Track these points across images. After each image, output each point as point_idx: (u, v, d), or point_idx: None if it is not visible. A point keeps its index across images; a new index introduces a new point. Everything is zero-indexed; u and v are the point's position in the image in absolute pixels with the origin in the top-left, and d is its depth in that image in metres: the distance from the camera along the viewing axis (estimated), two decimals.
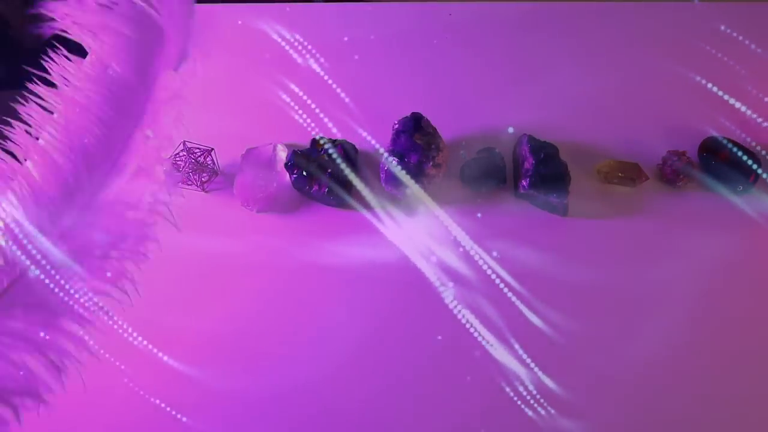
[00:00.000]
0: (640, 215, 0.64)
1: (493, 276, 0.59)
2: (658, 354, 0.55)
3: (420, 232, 0.63)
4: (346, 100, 0.76)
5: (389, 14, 0.89)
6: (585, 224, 0.64)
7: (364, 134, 0.70)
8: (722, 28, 0.82)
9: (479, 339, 0.56)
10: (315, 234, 0.64)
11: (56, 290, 0.44)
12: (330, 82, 0.79)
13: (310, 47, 0.84)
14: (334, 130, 0.71)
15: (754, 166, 0.64)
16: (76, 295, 0.45)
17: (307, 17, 0.90)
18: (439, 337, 0.57)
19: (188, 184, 0.67)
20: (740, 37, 0.81)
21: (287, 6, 0.92)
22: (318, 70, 0.81)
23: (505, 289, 0.58)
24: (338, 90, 0.78)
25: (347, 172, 0.63)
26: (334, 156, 0.64)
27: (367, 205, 0.65)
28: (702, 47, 0.80)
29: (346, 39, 0.83)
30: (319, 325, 0.58)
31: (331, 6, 0.91)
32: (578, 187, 0.65)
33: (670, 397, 0.53)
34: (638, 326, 0.57)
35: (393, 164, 0.62)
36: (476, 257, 0.60)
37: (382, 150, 0.65)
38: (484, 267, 0.60)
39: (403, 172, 0.62)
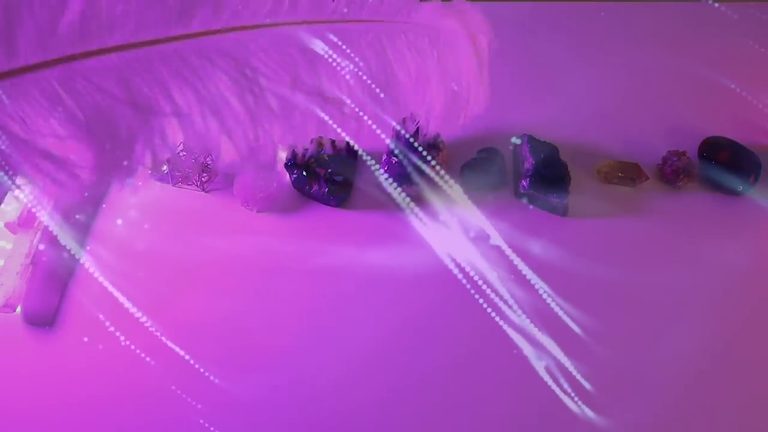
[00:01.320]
0: (640, 215, 0.64)
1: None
2: (659, 352, 0.55)
3: (427, 232, 0.63)
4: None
5: None
6: (585, 224, 0.63)
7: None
8: (723, 26, 0.82)
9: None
10: (315, 234, 0.64)
11: None
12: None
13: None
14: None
15: (754, 166, 0.64)
16: None
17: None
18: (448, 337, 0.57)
19: (188, 184, 0.67)
20: (741, 36, 0.81)
21: None
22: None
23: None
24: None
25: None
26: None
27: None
28: (702, 46, 0.80)
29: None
30: (319, 325, 0.58)
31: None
32: (578, 187, 0.65)
33: (672, 395, 0.53)
34: (638, 325, 0.56)
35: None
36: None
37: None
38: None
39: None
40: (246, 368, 0.56)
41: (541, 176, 0.63)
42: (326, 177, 0.64)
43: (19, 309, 0.59)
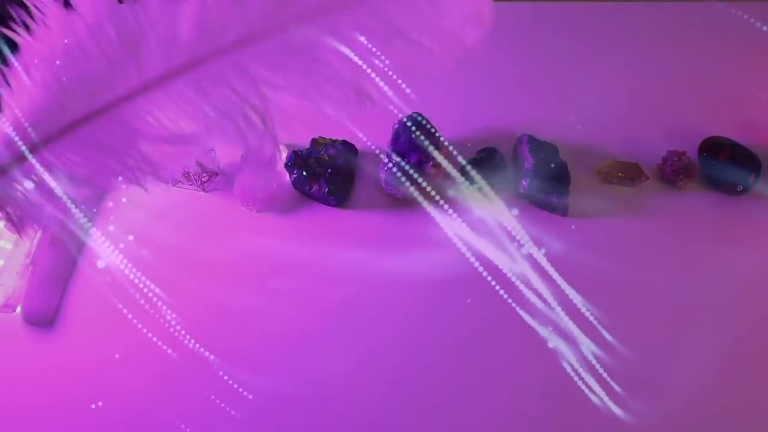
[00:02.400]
0: (640, 215, 0.64)
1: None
2: (659, 350, 0.55)
3: (430, 230, 0.63)
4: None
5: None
6: (585, 224, 0.63)
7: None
8: (723, 26, 0.82)
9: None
10: (315, 234, 0.64)
11: None
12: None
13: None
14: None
15: (754, 166, 0.64)
16: None
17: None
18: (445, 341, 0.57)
19: (188, 184, 0.67)
20: (742, 36, 0.81)
21: None
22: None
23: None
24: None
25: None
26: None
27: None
28: (702, 46, 0.80)
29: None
30: (319, 326, 0.58)
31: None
32: (578, 187, 0.65)
33: (673, 392, 0.53)
34: (638, 324, 0.56)
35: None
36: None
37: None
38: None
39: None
40: (248, 365, 0.56)
41: (541, 176, 0.63)
42: (326, 177, 0.64)
43: (19, 309, 0.59)
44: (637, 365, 0.54)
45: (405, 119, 0.66)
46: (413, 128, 0.65)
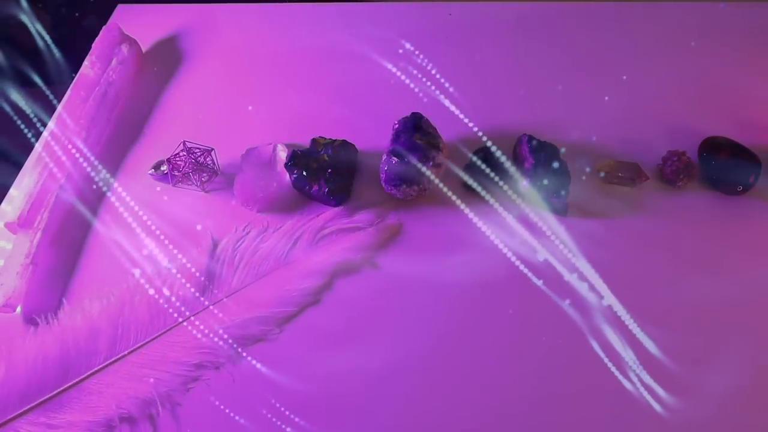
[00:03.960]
0: (640, 215, 0.64)
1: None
2: (659, 349, 0.55)
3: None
4: (347, 99, 0.76)
5: (388, 14, 0.89)
6: (585, 224, 0.63)
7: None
8: (722, 26, 0.82)
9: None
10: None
11: None
12: (330, 82, 0.79)
13: (310, 48, 0.84)
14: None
15: (754, 166, 0.64)
16: None
17: (306, 18, 0.90)
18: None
19: (188, 184, 0.67)
20: (741, 36, 0.81)
21: (284, 6, 0.93)
22: (317, 70, 0.81)
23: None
24: (338, 90, 0.78)
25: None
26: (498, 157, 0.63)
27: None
28: (702, 46, 0.80)
29: (346, 39, 0.84)
30: (319, 325, 0.58)
31: (331, 6, 0.92)
32: (578, 187, 0.65)
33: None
34: (636, 323, 0.56)
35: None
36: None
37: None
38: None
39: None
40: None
41: (541, 176, 0.63)
42: (326, 177, 0.64)
43: (19, 309, 0.59)
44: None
45: (405, 119, 0.66)
46: (413, 128, 0.65)
